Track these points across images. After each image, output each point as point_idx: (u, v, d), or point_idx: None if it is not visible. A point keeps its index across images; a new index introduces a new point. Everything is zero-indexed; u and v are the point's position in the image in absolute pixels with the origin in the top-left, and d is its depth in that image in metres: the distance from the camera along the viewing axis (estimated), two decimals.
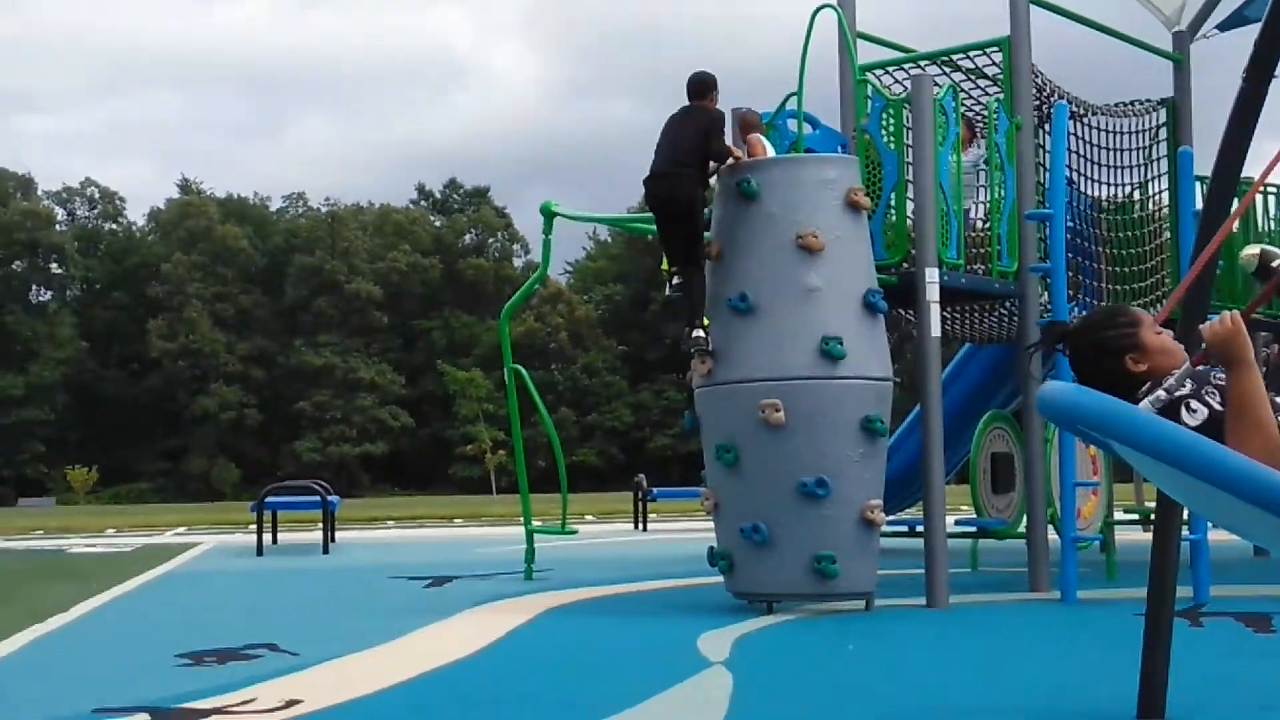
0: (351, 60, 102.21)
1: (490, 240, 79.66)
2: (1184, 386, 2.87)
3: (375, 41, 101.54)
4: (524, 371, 11.08)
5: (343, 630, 7.66)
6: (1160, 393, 2.85)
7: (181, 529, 24.56)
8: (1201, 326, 2.81)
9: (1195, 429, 2.72)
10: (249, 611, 9.00)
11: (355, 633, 7.35)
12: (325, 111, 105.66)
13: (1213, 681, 5.28)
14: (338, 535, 17.57)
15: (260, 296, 71.88)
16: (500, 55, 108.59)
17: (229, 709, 5.00)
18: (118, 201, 76.39)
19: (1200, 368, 2.90)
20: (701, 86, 8.33)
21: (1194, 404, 2.84)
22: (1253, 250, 4.33)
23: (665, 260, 8.54)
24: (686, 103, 8.34)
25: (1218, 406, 2.82)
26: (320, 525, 16.07)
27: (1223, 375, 2.83)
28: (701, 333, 8.05)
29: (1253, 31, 4.37)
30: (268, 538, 16.29)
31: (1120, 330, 3.06)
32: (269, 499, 16.22)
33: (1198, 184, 9.20)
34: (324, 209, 77.15)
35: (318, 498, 16.07)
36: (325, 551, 15.25)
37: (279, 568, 13.21)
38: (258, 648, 6.75)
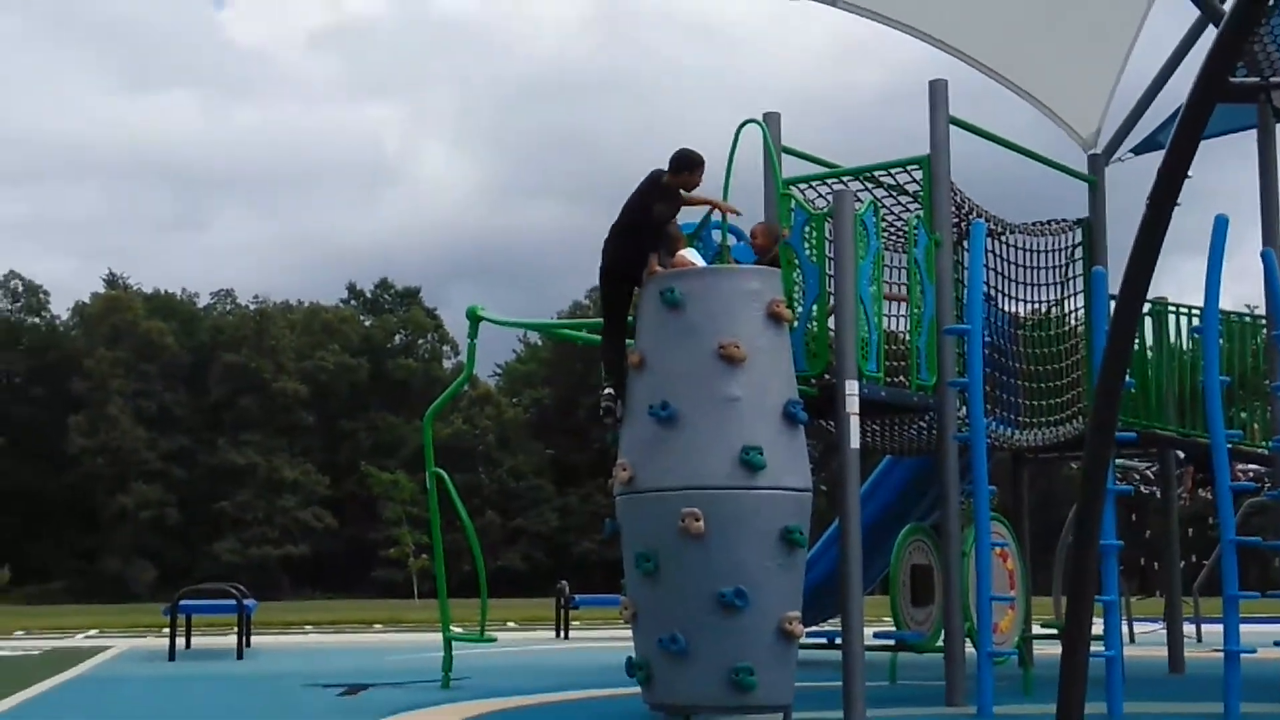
0: (280, 156, 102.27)
1: (420, 341, 79.45)
2: None
3: (304, 138, 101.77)
4: (445, 475, 11.01)
5: None
6: None
7: (93, 631, 23.97)
8: None
9: None
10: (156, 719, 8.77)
11: None
12: (254, 208, 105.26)
13: None
14: (254, 640, 17.23)
15: (183, 394, 71.00)
16: (431, 155, 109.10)
17: None
18: (41, 295, 75.50)
19: None
20: (672, 158, 8.18)
21: None
22: None
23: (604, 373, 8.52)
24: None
25: None
26: (236, 629, 15.76)
27: None
28: (610, 390, 8.15)
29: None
30: (181, 642, 15.94)
31: None
32: (183, 602, 15.91)
33: (1111, 302, 9.39)
34: (252, 306, 76.71)
35: (234, 601, 15.78)
36: (239, 657, 14.94)
37: (190, 673, 12.91)
38: None
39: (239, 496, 67.01)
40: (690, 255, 8.79)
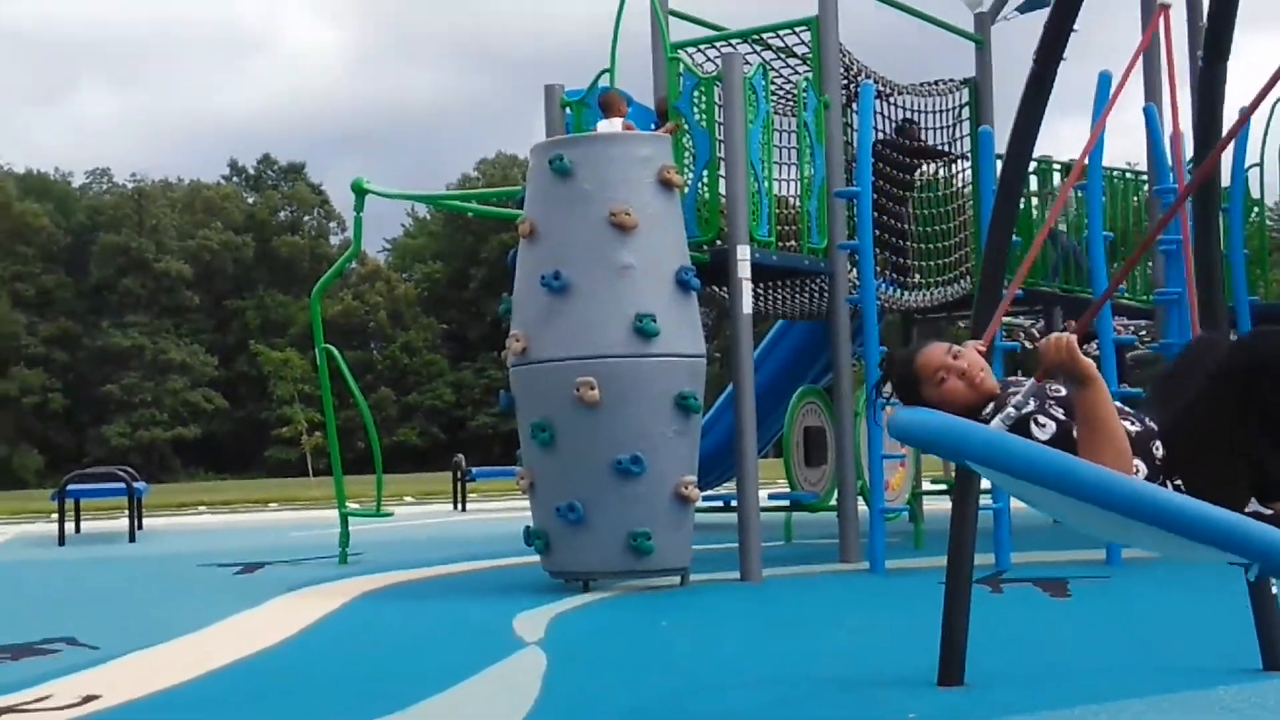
0: (144, 30, 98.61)
1: (306, 217, 78.02)
2: (1029, 403, 2.99)
3: (169, 11, 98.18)
4: (336, 352, 10.88)
5: (146, 621, 7.43)
6: (1009, 409, 2.97)
7: None
8: (1040, 344, 2.91)
9: (1046, 442, 2.86)
10: (47, 604, 8.67)
11: (159, 623, 7.13)
12: (123, 84, 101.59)
13: (1010, 646, 5.44)
14: (146, 522, 17.05)
15: (64, 276, 69.17)
16: (296, 24, 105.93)
17: (22, 707, 4.80)
18: None
19: (1042, 383, 3.01)
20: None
21: (1041, 419, 2.97)
22: None
23: None
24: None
25: (1063, 418, 2.96)
26: (127, 512, 15.58)
27: (1058, 387, 2.98)
28: None
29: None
30: (70, 527, 15.71)
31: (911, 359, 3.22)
32: (71, 486, 15.67)
33: (998, 161, 9.45)
34: (129, 185, 74.58)
35: (123, 484, 15.57)
36: (131, 540, 14.78)
37: (81, 557, 12.75)
38: (55, 642, 6.50)
39: (125, 379, 65.85)
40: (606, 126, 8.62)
